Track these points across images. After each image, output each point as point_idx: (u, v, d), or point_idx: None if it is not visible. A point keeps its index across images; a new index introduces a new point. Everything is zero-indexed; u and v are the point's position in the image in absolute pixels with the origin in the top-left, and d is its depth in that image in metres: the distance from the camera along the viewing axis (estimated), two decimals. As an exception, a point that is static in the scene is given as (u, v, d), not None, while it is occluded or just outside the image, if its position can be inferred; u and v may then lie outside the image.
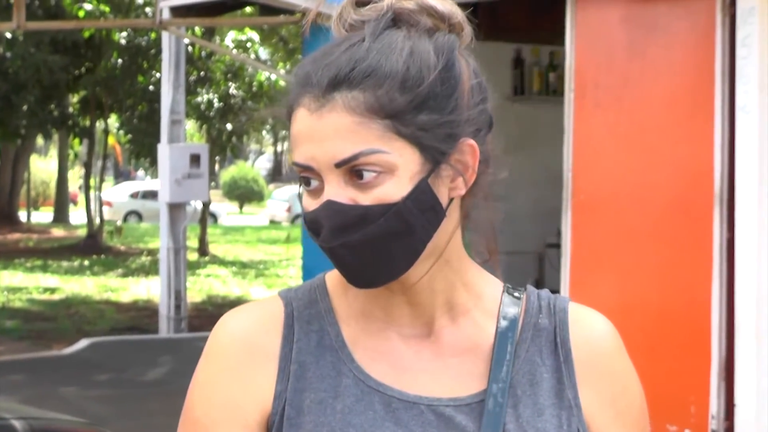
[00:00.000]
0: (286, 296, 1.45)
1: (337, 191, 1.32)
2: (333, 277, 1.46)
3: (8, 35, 18.72)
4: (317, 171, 1.33)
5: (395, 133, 1.32)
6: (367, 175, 1.31)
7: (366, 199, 1.32)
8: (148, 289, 16.72)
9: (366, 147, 1.31)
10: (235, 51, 20.56)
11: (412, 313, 1.41)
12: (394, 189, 1.32)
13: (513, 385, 1.40)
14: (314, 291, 1.45)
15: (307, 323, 1.42)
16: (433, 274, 1.39)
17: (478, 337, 1.42)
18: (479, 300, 1.44)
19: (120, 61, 19.80)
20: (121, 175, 50.96)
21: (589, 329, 1.45)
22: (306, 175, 1.35)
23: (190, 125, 24.46)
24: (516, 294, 1.46)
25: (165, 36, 11.96)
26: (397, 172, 1.32)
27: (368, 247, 1.32)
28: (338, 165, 1.31)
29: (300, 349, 1.41)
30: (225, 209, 38.72)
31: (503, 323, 1.43)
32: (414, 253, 1.35)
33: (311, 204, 1.35)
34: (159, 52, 15.70)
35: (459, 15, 1.40)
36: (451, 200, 1.37)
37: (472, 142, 1.36)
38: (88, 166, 24.11)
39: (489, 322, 1.43)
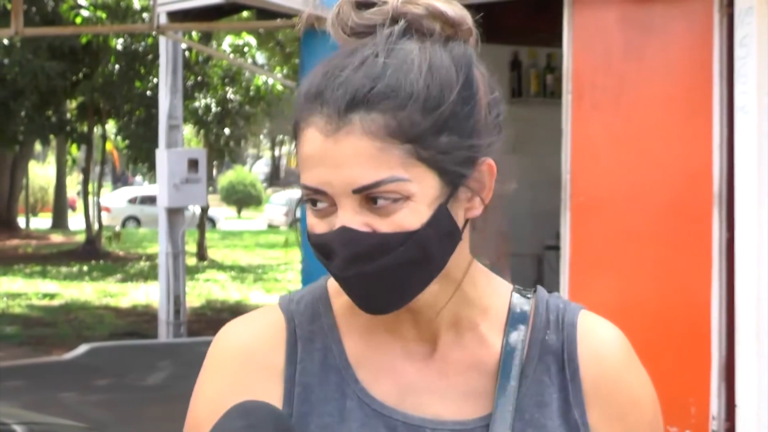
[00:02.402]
0: (287, 309, 1.39)
1: (353, 217, 1.23)
2: (335, 288, 1.38)
3: (6, 42, 18.71)
4: (330, 195, 1.24)
5: (416, 158, 1.22)
6: (383, 202, 1.22)
7: (383, 225, 1.23)
8: (147, 294, 16.70)
9: (388, 174, 1.21)
10: (232, 55, 20.54)
11: (416, 329, 1.35)
12: (412, 216, 1.23)
13: (520, 409, 1.33)
14: (317, 303, 1.39)
15: (310, 341, 1.36)
16: (438, 293, 1.32)
17: (484, 353, 1.37)
18: (486, 314, 1.37)
19: (117, 66, 19.78)
20: (119, 181, 50.99)
21: (598, 344, 1.38)
22: (315, 198, 1.25)
23: (188, 130, 24.45)
24: (528, 296, 1.40)
25: (162, 41, 11.95)
26: (415, 198, 1.23)
27: (384, 276, 1.24)
28: (356, 191, 1.22)
29: (304, 369, 1.35)
30: (223, 214, 38.74)
31: (509, 340, 1.36)
32: (428, 279, 1.28)
33: (319, 225, 1.26)
34: (156, 57, 15.68)
35: (469, 20, 1.31)
36: (467, 222, 1.30)
37: (490, 161, 1.30)
38: (86, 171, 24.09)
39: (495, 337, 1.37)
